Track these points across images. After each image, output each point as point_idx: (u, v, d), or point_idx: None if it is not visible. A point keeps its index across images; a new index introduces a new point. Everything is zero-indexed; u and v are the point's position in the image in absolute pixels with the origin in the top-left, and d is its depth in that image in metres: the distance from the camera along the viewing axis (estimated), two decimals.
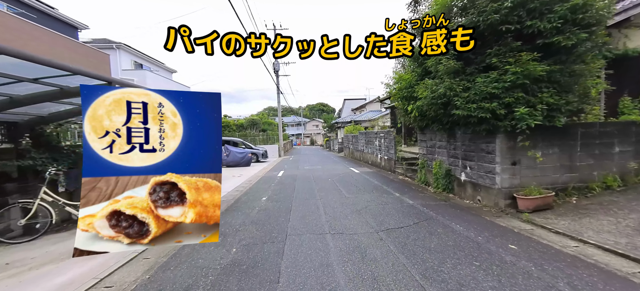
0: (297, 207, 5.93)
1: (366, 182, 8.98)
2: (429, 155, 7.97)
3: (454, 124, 6.12)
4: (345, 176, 10.54)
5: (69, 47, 12.07)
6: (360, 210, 5.53)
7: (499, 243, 3.71)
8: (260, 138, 29.30)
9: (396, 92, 7.61)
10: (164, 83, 18.34)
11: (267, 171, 13.19)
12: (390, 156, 11.49)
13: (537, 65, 4.44)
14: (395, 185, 8.37)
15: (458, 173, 6.52)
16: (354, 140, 19.33)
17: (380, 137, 12.92)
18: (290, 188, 8.19)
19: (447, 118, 5.85)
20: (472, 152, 5.96)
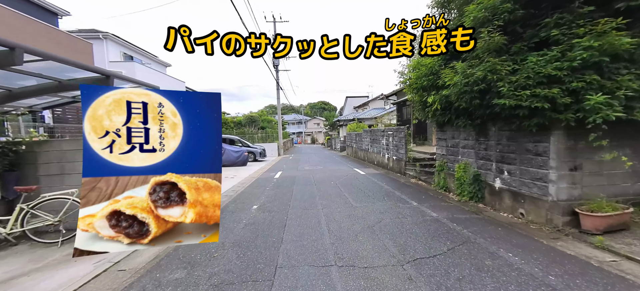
0: (293, 221, 4.77)
1: (375, 187, 7.80)
2: (450, 156, 6.79)
3: (489, 119, 4.94)
4: (350, 178, 9.37)
5: (45, 33, 10.94)
6: (373, 227, 4.36)
7: (582, 286, 2.54)
8: (259, 136, 27.63)
9: (412, 82, 6.41)
10: (157, 77, 17.17)
11: (264, 172, 12.02)
12: (400, 156, 10.31)
13: (621, 37, 3.25)
14: (409, 190, 7.20)
15: (490, 178, 5.34)
16: (357, 139, 18.10)
17: (388, 135, 11.72)
18: (288, 194, 7.02)
19: (482, 111, 4.66)
20: (512, 153, 4.78)
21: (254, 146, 18.42)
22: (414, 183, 8.21)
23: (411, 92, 6.97)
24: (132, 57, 17.49)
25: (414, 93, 6.79)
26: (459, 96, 4.72)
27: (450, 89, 4.83)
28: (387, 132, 12.00)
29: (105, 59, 15.27)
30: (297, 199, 6.39)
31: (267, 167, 14.15)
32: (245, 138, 22.87)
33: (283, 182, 8.89)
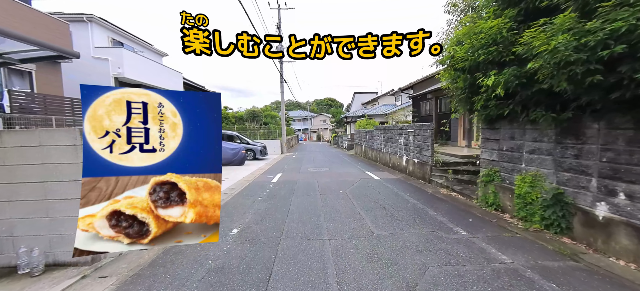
0: (284, 267, 3.05)
1: (398, 200, 5.99)
2: (506, 162, 4.95)
3: (592, 110, 3.12)
4: (363, 186, 7.57)
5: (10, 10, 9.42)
6: (415, 288, 2.60)
7: None
8: (261, 132, 25.54)
9: (459, 58, 4.54)
10: (150, 67, 15.59)
11: (261, 173, 10.29)
12: (424, 159, 8.46)
13: None
14: (444, 207, 5.38)
15: (586, 201, 3.51)
16: (367, 137, 16.16)
17: (408, 133, 9.84)
18: (283, 209, 5.30)
19: (593, 94, 2.84)
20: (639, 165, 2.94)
21: (254, 143, 16.69)
22: (447, 195, 6.38)
23: (451, 76, 5.13)
24: (123, 43, 15.86)
25: (456, 76, 4.95)
26: (557, 70, 2.88)
27: (540, 59, 2.98)
28: (406, 130, 10.10)
29: (90, 44, 13.64)
30: (295, 220, 4.65)
31: (266, 166, 12.49)
32: (246, 134, 21.33)
33: (280, 190, 7.16)
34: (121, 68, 12.98)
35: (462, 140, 11.94)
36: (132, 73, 13.48)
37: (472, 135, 10.88)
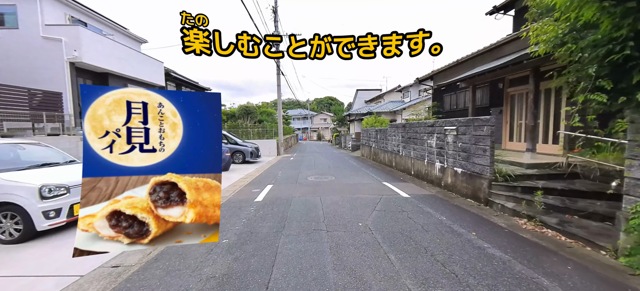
0: None
1: (460, 244, 3.72)
2: None
3: None
4: (390, 210, 5.37)
5: None
6: None
7: None
8: (256, 131, 23.00)
9: None
10: (121, 53, 13.13)
11: (245, 185, 8.32)
12: (477, 170, 6.03)
13: None
14: (557, 267, 3.09)
15: None
16: (378, 136, 14.15)
17: (445, 133, 7.38)
18: (256, 280, 2.88)
19: None
20: None
21: (244, 144, 14.93)
22: (538, 234, 4.04)
23: (557, 32, 3.90)
24: (86, 23, 13.31)
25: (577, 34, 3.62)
26: None
27: None
28: (440, 128, 7.63)
29: (40, 20, 11.02)
30: None
31: (256, 173, 10.78)
32: (237, 133, 19.47)
33: (264, 219, 4.87)
34: (78, 51, 10.82)
35: (510, 141, 9.31)
36: (94, 58, 11.43)
37: (537, 135, 7.94)
